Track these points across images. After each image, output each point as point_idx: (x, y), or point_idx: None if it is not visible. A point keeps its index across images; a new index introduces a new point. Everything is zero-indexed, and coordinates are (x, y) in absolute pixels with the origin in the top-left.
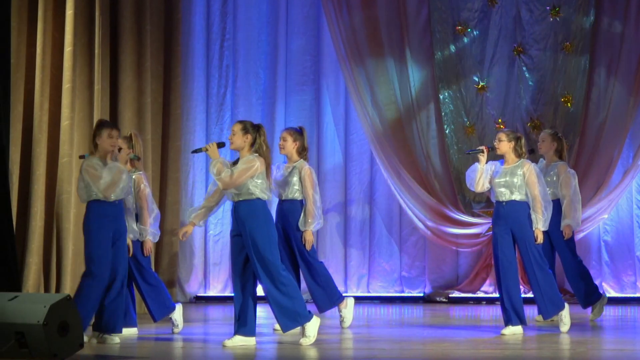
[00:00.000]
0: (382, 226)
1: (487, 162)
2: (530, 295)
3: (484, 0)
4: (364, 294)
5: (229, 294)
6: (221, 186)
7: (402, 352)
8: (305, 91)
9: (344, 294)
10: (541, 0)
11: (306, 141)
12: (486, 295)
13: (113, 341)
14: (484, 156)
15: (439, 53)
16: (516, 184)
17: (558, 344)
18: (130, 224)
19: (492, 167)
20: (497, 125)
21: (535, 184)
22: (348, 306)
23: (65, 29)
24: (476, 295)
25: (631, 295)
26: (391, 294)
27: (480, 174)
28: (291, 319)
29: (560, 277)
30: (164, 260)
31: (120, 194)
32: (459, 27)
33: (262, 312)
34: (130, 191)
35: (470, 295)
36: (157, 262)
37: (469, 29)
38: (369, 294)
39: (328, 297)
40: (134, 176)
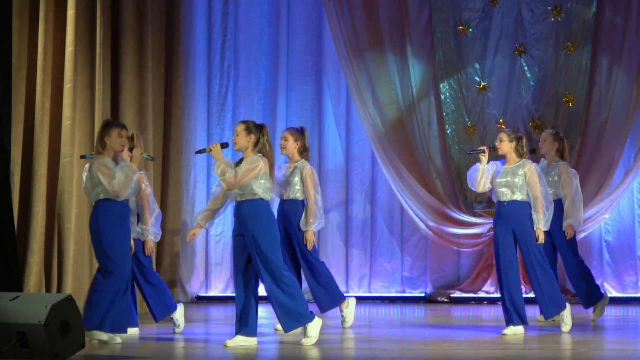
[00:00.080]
0: (383, 226)
1: (488, 162)
2: (531, 295)
3: (485, 0)
4: (365, 294)
5: (230, 294)
6: (225, 187)
7: (403, 352)
8: (306, 91)
9: (345, 294)
10: (542, 0)
11: (307, 141)
12: (487, 295)
13: (114, 341)
14: (485, 156)
15: (440, 53)
16: (517, 184)
17: (559, 344)
18: (132, 223)
19: (494, 167)
20: (499, 125)
21: (537, 184)
22: (349, 306)
23: (67, 29)
24: (477, 295)
25: (632, 295)
26: (392, 294)
27: (482, 174)
28: (293, 319)
29: (562, 277)
30: (165, 260)
31: (131, 194)
32: (460, 27)
33: (263, 312)
34: (136, 191)
35: (472, 295)
36: (158, 262)
37: (470, 29)
38: (370, 294)
39: (330, 297)
40: None
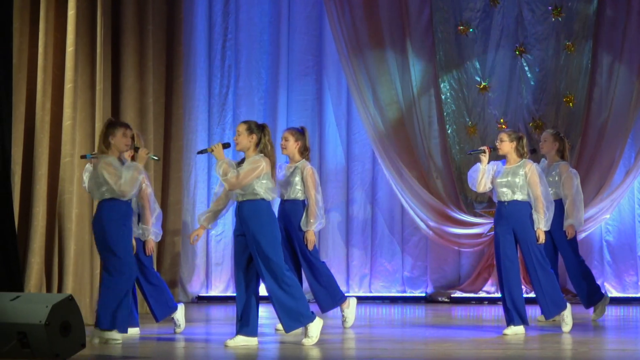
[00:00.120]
0: (384, 226)
1: (489, 162)
2: (532, 295)
3: (485, 0)
4: (366, 294)
5: (231, 294)
6: (227, 187)
7: (404, 352)
8: (307, 91)
9: (346, 294)
10: (543, 0)
11: (308, 141)
12: (488, 295)
13: (115, 341)
14: (485, 156)
15: (440, 52)
16: (518, 184)
17: (560, 344)
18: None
19: (494, 167)
20: (499, 125)
21: (537, 184)
22: (350, 306)
23: (67, 29)
24: (478, 295)
25: (633, 295)
26: (393, 294)
27: (482, 174)
28: (294, 319)
29: (563, 277)
30: (166, 260)
31: (135, 194)
32: (461, 27)
33: (263, 312)
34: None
35: (472, 295)
36: (159, 262)
37: (471, 29)
38: (371, 294)
39: (330, 297)
40: None
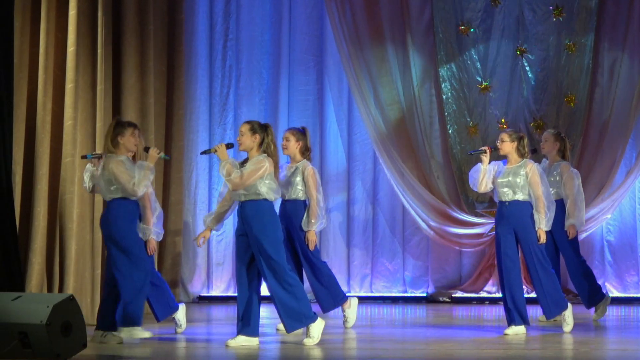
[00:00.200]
0: (385, 226)
1: (490, 162)
2: (533, 295)
3: (486, 0)
4: (367, 294)
5: (232, 294)
6: (231, 187)
7: (405, 352)
8: (308, 91)
9: (347, 294)
10: (544, 0)
11: (309, 141)
12: (489, 295)
13: (116, 341)
14: (486, 156)
15: (442, 53)
16: (519, 184)
17: (561, 344)
18: None
19: (495, 167)
20: (500, 125)
21: (538, 184)
22: (351, 306)
23: (68, 29)
24: (479, 295)
25: (634, 295)
26: (394, 294)
27: (484, 174)
28: (296, 319)
29: (564, 277)
30: (167, 260)
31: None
32: (462, 27)
33: (264, 312)
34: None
35: (473, 295)
36: (160, 262)
37: (472, 29)
38: (372, 294)
39: (332, 297)
40: None
